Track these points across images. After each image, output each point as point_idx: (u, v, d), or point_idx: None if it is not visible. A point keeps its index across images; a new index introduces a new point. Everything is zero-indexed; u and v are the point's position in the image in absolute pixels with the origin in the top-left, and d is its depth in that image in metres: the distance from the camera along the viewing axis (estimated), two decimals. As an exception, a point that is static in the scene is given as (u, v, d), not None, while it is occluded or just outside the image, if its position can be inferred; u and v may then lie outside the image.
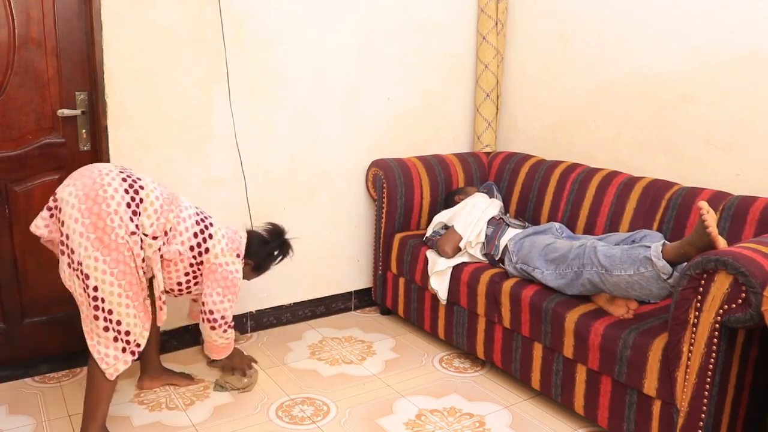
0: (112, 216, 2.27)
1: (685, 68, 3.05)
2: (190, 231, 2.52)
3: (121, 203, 2.31)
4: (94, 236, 2.25)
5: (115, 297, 2.29)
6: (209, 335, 2.67)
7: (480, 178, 3.84)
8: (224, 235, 2.64)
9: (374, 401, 2.85)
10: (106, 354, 2.32)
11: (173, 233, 2.46)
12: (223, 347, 2.74)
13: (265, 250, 2.84)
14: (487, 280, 2.97)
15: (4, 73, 2.75)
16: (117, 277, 2.28)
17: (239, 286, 2.66)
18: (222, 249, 2.60)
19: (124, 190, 2.33)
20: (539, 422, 2.71)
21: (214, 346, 2.72)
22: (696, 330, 2.14)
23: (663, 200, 2.93)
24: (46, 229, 2.39)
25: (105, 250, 2.26)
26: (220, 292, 2.60)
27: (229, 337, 2.71)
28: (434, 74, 3.88)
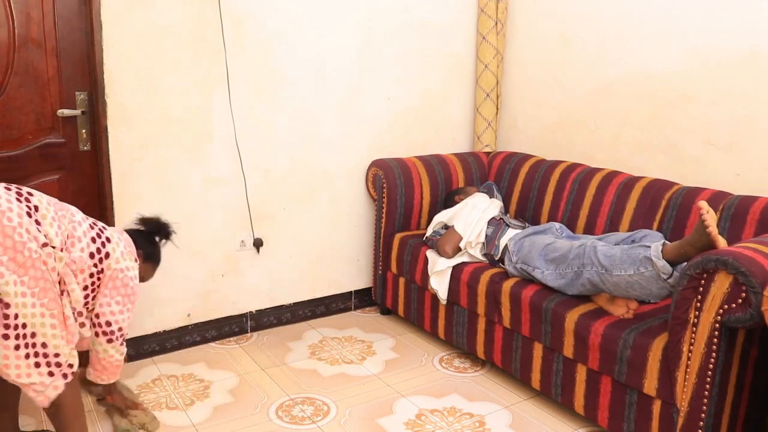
0: (18, 230, 1.97)
1: (685, 68, 3.05)
2: (87, 236, 2.22)
3: (22, 214, 2.01)
4: (6, 257, 1.94)
5: (38, 318, 2.02)
6: (106, 350, 2.31)
7: (480, 178, 3.84)
8: (119, 237, 2.37)
9: (374, 401, 2.85)
10: (32, 382, 2.04)
11: (71, 240, 2.16)
12: (117, 365, 2.39)
13: (147, 239, 2.58)
14: (487, 280, 2.97)
15: (4, 73, 2.74)
16: (38, 296, 2.01)
17: (138, 293, 2.38)
18: (122, 252, 2.32)
19: (16, 199, 2.03)
20: (539, 422, 2.71)
21: (110, 364, 2.35)
22: (696, 330, 2.14)
23: (663, 200, 2.93)
24: None
25: (21, 270, 1.97)
26: (120, 301, 2.29)
27: (124, 352, 2.39)
28: (434, 74, 3.88)
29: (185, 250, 3.20)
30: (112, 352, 2.33)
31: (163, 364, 3.15)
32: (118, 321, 2.30)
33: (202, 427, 2.64)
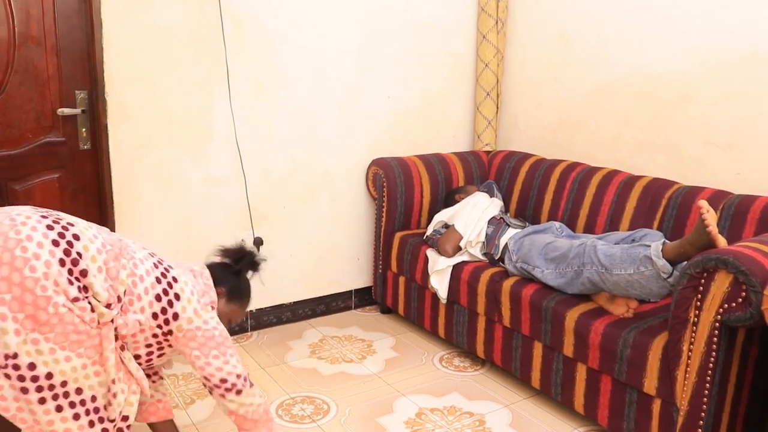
0: (42, 282, 1.68)
1: (685, 68, 3.05)
2: (151, 293, 1.92)
3: (52, 262, 1.71)
4: (23, 315, 1.66)
5: (80, 371, 1.78)
6: (243, 403, 2.06)
7: (480, 176, 3.84)
8: (192, 289, 2.04)
9: (374, 400, 2.86)
10: (51, 424, 1.78)
11: (129, 298, 1.87)
12: (264, 411, 2.14)
13: (230, 272, 2.26)
14: (488, 279, 2.97)
15: (4, 72, 2.74)
16: (72, 348, 1.75)
17: (228, 335, 2.09)
18: (195, 310, 2.00)
19: (53, 242, 1.73)
20: (539, 421, 2.71)
21: (255, 413, 2.10)
22: (696, 329, 2.14)
23: (663, 199, 2.93)
24: None
25: (44, 327, 1.70)
26: (218, 354, 2.01)
27: (259, 393, 2.12)
28: (435, 73, 3.88)
29: (186, 250, 3.20)
30: (249, 401, 2.07)
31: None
32: (231, 372, 2.03)
33: (202, 425, 2.64)
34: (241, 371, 2.06)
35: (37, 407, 1.72)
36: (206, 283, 2.11)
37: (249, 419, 2.10)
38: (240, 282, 2.28)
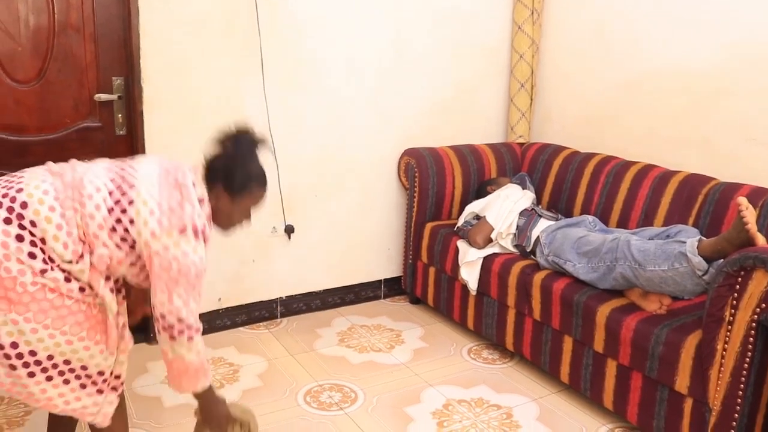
0: (5, 264, 1.66)
1: (722, 62, 2.98)
2: (106, 226, 1.77)
3: (8, 242, 1.67)
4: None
5: (65, 346, 1.76)
6: (173, 349, 1.84)
7: (513, 168, 3.81)
8: (153, 209, 1.79)
9: (402, 390, 2.86)
10: (84, 405, 1.85)
11: (90, 240, 1.76)
12: (196, 369, 1.88)
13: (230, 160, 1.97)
14: (518, 271, 2.95)
15: (44, 59, 2.79)
16: (54, 326, 1.73)
17: (196, 272, 1.83)
18: (152, 232, 1.78)
19: (4, 221, 1.68)
20: (567, 416, 2.69)
21: (182, 366, 1.86)
22: (731, 328, 2.10)
23: (700, 195, 2.87)
24: None
25: (20, 307, 1.68)
26: (164, 289, 1.80)
27: (197, 349, 1.87)
28: (468, 63, 3.85)
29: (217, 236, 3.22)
30: (180, 352, 1.84)
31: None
32: (172, 311, 1.81)
33: (231, 410, 2.67)
34: (184, 317, 1.82)
35: (27, 380, 1.75)
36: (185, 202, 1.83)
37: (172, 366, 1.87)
38: (241, 169, 1.97)
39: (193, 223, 1.82)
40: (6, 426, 2.51)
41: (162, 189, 1.83)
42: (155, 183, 1.83)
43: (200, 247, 1.83)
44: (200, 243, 1.83)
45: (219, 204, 1.95)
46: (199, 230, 1.83)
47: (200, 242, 1.83)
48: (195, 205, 1.84)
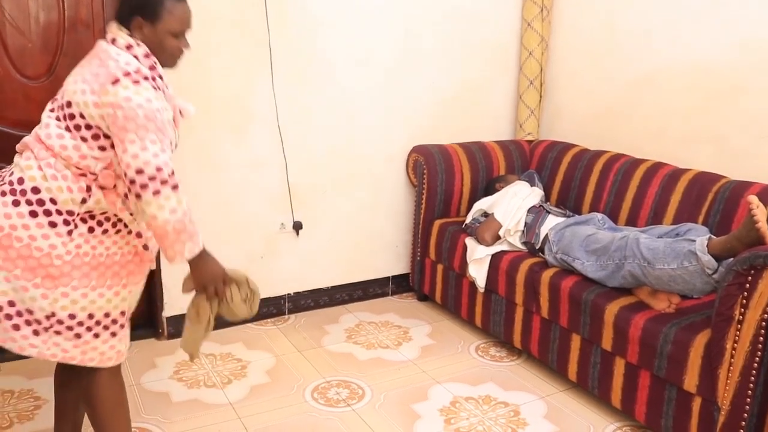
0: (14, 233, 1.73)
1: (735, 58, 2.96)
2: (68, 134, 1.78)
3: (27, 224, 1.74)
4: (20, 270, 1.73)
5: (99, 301, 1.83)
6: (144, 210, 1.73)
7: (521, 166, 3.80)
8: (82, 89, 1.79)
9: (409, 387, 2.86)
10: (102, 352, 1.88)
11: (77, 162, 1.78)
12: (172, 227, 1.74)
13: None
14: (527, 269, 2.94)
15: (54, 54, 2.80)
16: (99, 283, 1.82)
17: (145, 114, 1.72)
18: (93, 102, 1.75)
19: (13, 203, 1.75)
20: (575, 414, 2.69)
21: (159, 227, 1.74)
22: (741, 327, 2.09)
23: (710, 193, 2.86)
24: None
25: (64, 279, 1.77)
26: (119, 144, 1.72)
27: (170, 205, 1.72)
28: (477, 60, 3.84)
29: (225, 232, 3.24)
30: (151, 211, 1.72)
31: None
32: (138, 165, 1.70)
33: (239, 405, 2.68)
34: (150, 165, 1.70)
35: (95, 342, 1.85)
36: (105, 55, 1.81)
37: (155, 226, 1.75)
38: None
39: (123, 70, 1.75)
40: (16, 419, 2.53)
41: (83, 69, 1.84)
42: (76, 72, 1.86)
43: (144, 89, 1.75)
44: (143, 86, 1.75)
45: (146, 38, 1.86)
46: (133, 72, 1.76)
47: (143, 85, 1.75)
48: (120, 56, 1.79)
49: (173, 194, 1.73)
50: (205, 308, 1.91)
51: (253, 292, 1.98)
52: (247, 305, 1.96)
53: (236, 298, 1.94)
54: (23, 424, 2.51)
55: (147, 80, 1.78)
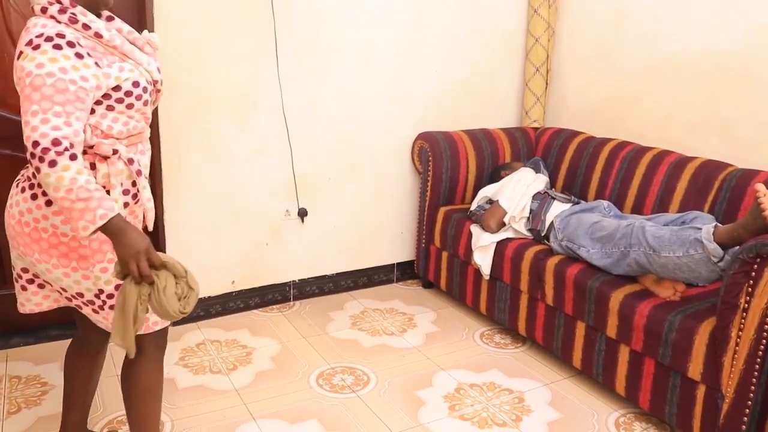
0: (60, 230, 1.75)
1: (745, 46, 2.94)
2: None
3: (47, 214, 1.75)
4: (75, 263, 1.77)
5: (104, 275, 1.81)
6: (44, 187, 1.62)
7: (527, 153, 3.79)
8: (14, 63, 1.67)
9: (414, 373, 2.87)
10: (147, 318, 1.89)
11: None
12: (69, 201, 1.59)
13: None
14: (532, 256, 2.94)
15: (59, 40, 2.79)
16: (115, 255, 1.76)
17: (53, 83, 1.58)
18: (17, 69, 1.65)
19: (31, 197, 1.76)
20: (579, 401, 2.69)
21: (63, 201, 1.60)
22: (746, 315, 2.09)
23: (716, 181, 2.85)
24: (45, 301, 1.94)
25: (98, 255, 1.78)
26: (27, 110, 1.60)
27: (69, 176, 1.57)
28: (483, 47, 3.82)
29: (231, 220, 3.24)
30: (49, 182, 1.58)
31: (207, 329, 3.21)
32: (28, 136, 1.58)
33: (244, 391, 2.69)
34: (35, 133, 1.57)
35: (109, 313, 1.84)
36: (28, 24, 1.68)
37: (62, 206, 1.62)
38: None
39: (39, 33, 1.62)
40: (24, 405, 2.55)
41: None
42: None
43: (62, 56, 1.60)
44: (62, 52, 1.61)
45: None
46: (52, 35, 1.61)
47: (61, 51, 1.61)
48: (35, 26, 1.65)
49: (69, 162, 1.58)
50: (132, 294, 1.66)
51: (191, 289, 1.74)
52: (180, 302, 1.71)
53: (169, 289, 1.69)
54: (30, 409, 2.53)
55: (54, 45, 1.61)
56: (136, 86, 1.76)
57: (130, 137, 1.82)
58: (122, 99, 1.74)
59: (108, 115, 1.74)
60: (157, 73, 1.87)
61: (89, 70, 1.65)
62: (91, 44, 1.70)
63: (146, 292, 1.67)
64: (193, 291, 1.74)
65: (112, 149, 1.76)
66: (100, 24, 1.73)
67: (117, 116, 1.76)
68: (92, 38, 1.71)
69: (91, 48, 1.70)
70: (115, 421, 2.46)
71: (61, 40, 1.62)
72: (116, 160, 1.77)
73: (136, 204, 1.89)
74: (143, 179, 1.86)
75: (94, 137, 1.73)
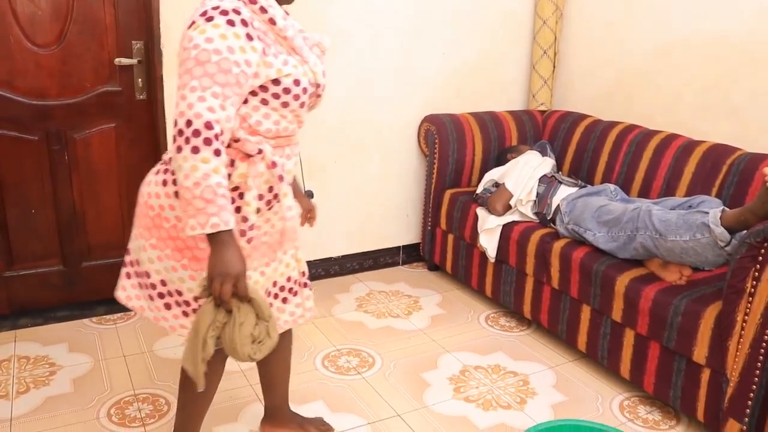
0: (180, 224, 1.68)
1: (755, 29, 2.90)
2: None
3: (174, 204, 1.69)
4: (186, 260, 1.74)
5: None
6: (177, 165, 1.52)
7: (534, 136, 3.77)
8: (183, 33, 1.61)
9: (419, 355, 2.88)
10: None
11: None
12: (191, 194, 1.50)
13: None
14: (538, 239, 2.94)
15: (64, 21, 2.79)
16: None
17: (219, 60, 1.51)
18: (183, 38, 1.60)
19: (162, 182, 1.71)
20: (584, 384, 2.70)
21: (182, 190, 1.52)
22: (752, 300, 2.09)
23: (724, 165, 2.83)
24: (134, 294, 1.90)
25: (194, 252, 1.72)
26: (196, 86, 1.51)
27: (194, 161, 1.48)
28: (490, 30, 3.79)
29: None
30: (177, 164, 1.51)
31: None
32: (187, 113, 1.49)
33: (249, 372, 2.70)
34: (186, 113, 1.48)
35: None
36: None
37: (181, 195, 1.53)
38: None
39: (216, 5, 1.55)
40: (33, 385, 2.57)
41: None
42: None
43: (232, 34, 1.52)
44: (233, 29, 1.53)
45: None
46: (228, 9, 1.54)
47: (233, 28, 1.53)
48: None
49: (210, 155, 1.49)
50: (206, 315, 1.57)
51: (268, 336, 1.64)
52: (253, 345, 1.61)
53: (246, 328, 1.58)
54: (39, 389, 2.55)
55: (228, 20, 1.53)
56: (297, 84, 1.65)
57: (278, 138, 1.71)
58: (279, 95, 1.63)
59: (260, 109, 1.64)
60: (322, 76, 1.76)
61: (254, 55, 1.55)
62: (264, 28, 1.62)
63: (221, 319, 1.58)
64: (270, 339, 1.64)
65: (257, 148, 1.65)
66: (277, 11, 1.65)
67: (269, 112, 1.65)
68: (266, 23, 1.63)
69: (262, 32, 1.61)
70: (122, 401, 2.48)
71: (236, 17, 1.54)
72: (258, 161, 1.65)
73: (269, 210, 1.77)
74: (285, 186, 1.71)
75: (241, 130, 1.64)
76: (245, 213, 1.68)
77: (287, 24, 1.67)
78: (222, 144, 1.51)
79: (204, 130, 1.47)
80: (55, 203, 2.95)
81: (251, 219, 1.68)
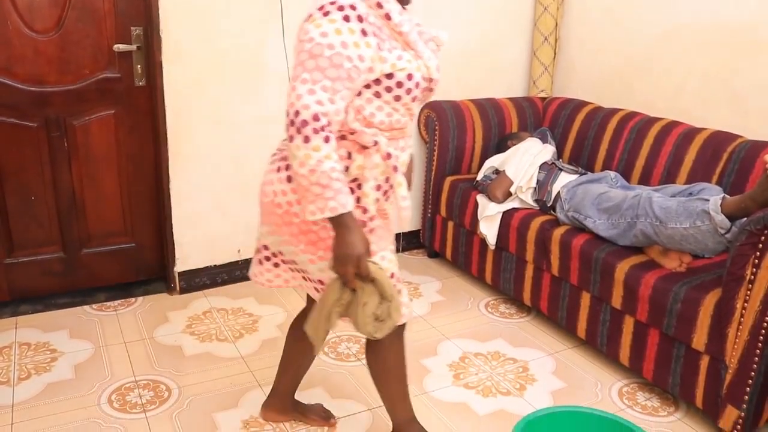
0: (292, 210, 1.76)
1: (759, 15, 2.89)
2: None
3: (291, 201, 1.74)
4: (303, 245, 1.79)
5: None
6: (291, 153, 1.58)
7: (534, 123, 3.76)
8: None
9: (419, 342, 2.89)
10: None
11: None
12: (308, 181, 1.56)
13: None
14: (538, 226, 2.94)
15: (63, 7, 2.77)
16: None
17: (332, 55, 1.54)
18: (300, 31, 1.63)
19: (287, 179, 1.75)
20: (583, 371, 2.71)
21: (298, 179, 1.59)
22: (752, 287, 2.09)
23: (724, 153, 2.82)
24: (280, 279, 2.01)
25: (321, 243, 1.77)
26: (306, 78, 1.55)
27: (306, 149, 1.53)
28: (491, 16, 3.77)
29: (238, 188, 3.24)
30: (291, 152, 1.57)
31: (214, 298, 3.23)
32: (297, 104, 1.54)
33: (250, 359, 2.72)
34: (296, 105, 1.54)
35: None
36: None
37: (298, 183, 1.61)
38: None
39: (319, 5, 1.58)
40: (34, 371, 2.58)
41: None
42: None
43: (347, 29, 1.55)
44: (349, 24, 1.55)
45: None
46: (345, 4, 1.56)
47: (349, 23, 1.55)
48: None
49: (322, 143, 1.54)
50: (333, 292, 1.67)
51: (389, 316, 1.70)
52: (375, 323, 1.69)
53: (369, 307, 1.66)
54: (41, 375, 2.56)
55: (344, 16, 1.55)
56: (410, 79, 1.67)
57: (392, 131, 1.74)
58: (391, 88, 1.65)
59: (373, 102, 1.67)
60: (436, 72, 1.78)
61: (368, 50, 1.58)
62: (379, 24, 1.63)
63: (347, 297, 1.67)
64: (391, 318, 1.70)
65: (373, 140, 1.69)
66: (393, 6, 1.65)
67: (382, 105, 1.68)
68: (381, 18, 1.64)
69: (377, 27, 1.62)
70: (123, 388, 2.49)
71: (352, 12, 1.56)
72: (374, 152, 1.70)
73: (386, 201, 1.83)
74: (399, 176, 1.75)
75: (356, 122, 1.67)
76: (365, 204, 1.75)
77: (403, 19, 1.68)
78: (331, 132, 1.56)
79: (312, 121, 1.53)
80: (55, 190, 2.95)
81: (371, 210, 1.75)
